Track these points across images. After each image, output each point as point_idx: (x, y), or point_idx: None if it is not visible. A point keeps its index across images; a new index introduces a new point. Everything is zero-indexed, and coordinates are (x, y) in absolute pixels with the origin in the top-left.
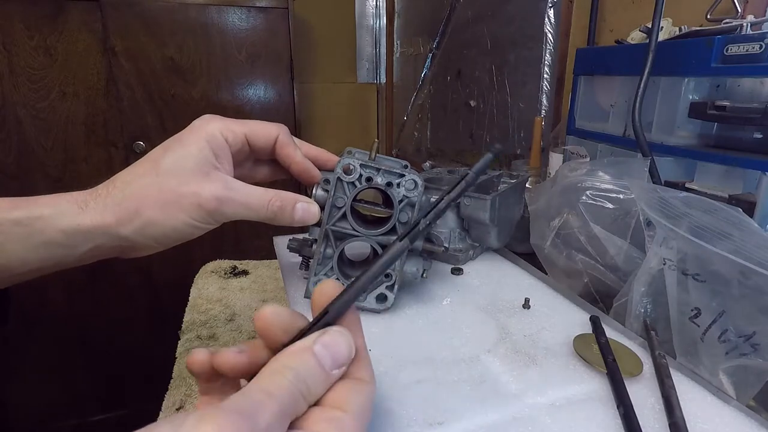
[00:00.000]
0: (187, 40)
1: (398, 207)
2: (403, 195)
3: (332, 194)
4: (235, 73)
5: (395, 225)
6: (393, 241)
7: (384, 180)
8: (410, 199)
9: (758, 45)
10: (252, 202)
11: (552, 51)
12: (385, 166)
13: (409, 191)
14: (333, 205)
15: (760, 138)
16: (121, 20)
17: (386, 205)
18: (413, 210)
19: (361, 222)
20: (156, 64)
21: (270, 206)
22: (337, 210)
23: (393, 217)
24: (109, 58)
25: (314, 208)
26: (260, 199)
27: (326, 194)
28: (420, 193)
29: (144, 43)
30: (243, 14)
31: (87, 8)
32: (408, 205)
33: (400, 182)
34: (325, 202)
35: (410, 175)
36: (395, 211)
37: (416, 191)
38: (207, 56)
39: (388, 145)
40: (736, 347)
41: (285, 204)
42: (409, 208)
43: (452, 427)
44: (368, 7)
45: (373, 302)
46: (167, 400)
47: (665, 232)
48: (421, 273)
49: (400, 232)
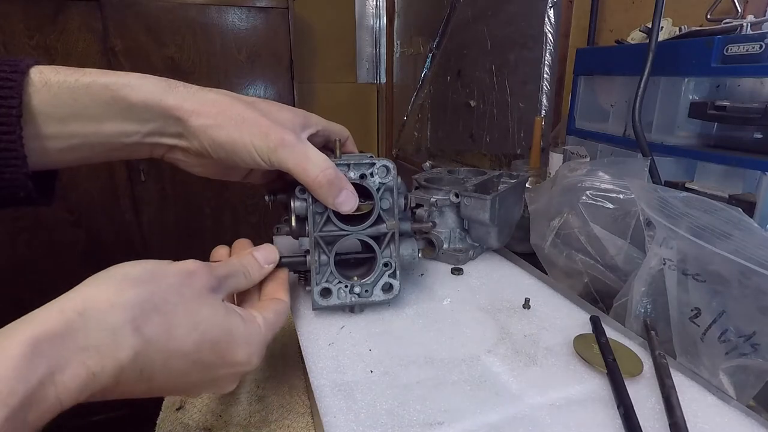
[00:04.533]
0: (187, 40)
1: (378, 196)
2: (379, 183)
3: (310, 201)
4: (235, 73)
5: (380, 214)
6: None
7: (357, 173)
8: (386, 184)
9: (758, 45)
10: (311, 159)
11: (552, 51)
12: (353, 160)
13: (383, 177)
14: (314, 212)
15: (760, 138)
16: (121, 20)
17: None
18: (392, 194)
19: (345, 221)
20: (156, 64)
21: (324, 174)
22: (320, 216)
23: (375, 207)
24: (109, 58)
25: (355, 200)
26: (319, 162)
27: (304, 203)
28: (394, 176)
29: (144, 43)
30: (243, 14)
31: (87, 8)
32: (386, 190)
33: (373, 171)
34: (306, 211)
35: (380, 161)
36: (375, 200)
37: (390, 175)
38: (207, 56)
39: (388, 145)
40: (736, 347)
41: (336, 181)
42: (387, 193)
43: (452, 427)
44: (368, 7)
45: (380, 294)
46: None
47: (665, 232)
48: (417, 253)
49: (385, 219)
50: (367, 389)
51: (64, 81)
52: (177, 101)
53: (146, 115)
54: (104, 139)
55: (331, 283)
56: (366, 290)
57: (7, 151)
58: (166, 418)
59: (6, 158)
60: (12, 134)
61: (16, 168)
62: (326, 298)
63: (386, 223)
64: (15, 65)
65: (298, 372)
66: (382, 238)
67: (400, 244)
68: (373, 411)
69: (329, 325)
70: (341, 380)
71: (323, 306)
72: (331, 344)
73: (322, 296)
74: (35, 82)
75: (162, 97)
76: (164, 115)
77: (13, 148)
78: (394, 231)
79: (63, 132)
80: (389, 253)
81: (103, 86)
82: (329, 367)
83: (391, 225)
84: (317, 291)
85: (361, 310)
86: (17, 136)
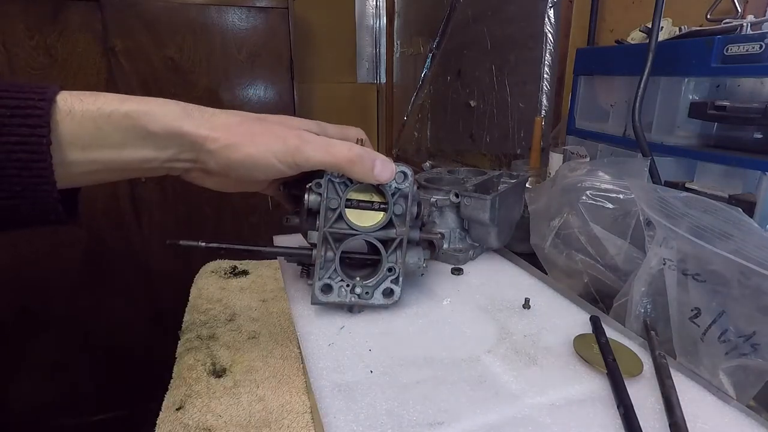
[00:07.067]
0: (187, 40)
1: (392, 200)
2: (395, 187)
3: (325, 197)
4: (235, 73)
5: (391, 218)
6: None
7: None
8: (402, 190)
9: (758, 45)
10: (335, 144)
11: (552, 51)
12: None
13: (400, 183)
14: (327, 207)
15: (760, 138)
16: (121, 20)
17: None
18: (407, 201)
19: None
20: (156, 64)
21: (352, 151)
22: (332, 212)
23: (388, 211)
24: (109, 58)
25: (392, 166)
26: (343, 143)
27: (319, 198)
28: (411, 183)
29: (144, 43)
30: (243, 14)
31: (87, 8)
32: (401, 196)
33: None
34: (319, 206)
35: (399, 167)
36: (389, 204)
37: (407, 182)
38: (207, 56)
39: (388, 145)
40: (736, 347)
41: (366, 154)
42: (402, 199)
43: (452, 427)
44: (368, 7)
45: (380, 298)
46: (167, 400)
47: (665, 232)
48: (422, 263)
49: (396, 225)
50: (367, 389)
51: (87, 110)
52: (192, 128)
53: (165, 142)
54: (125, 165)
55: (334, 280)
56: (367, 292)
57: (39, 177)
58: (166, 418)
59: (37, 184)
60: (43, 162)
61: (47, 193)
62: (326, 294)
63: (396, 228)
64: (43, 93)
65: (298, 372)
66: (390, 243)
67: (407, 251)
68: (372, 411)
69: (329, 326)
70: (341, 380)
71: (322, 302)
72: (331, 344)
73: (323, 292)
74: (61, 110)
75: (179, 124)
76: (181, 142)
77: (45, 175)
78: (403, 237)
79: (86, 158)
80: (395, 258)
81: (124, 115)
82: (329, 367)
83: (402, 231)
84: (318, 286)
85: (360, 310)
86: (48, 164)
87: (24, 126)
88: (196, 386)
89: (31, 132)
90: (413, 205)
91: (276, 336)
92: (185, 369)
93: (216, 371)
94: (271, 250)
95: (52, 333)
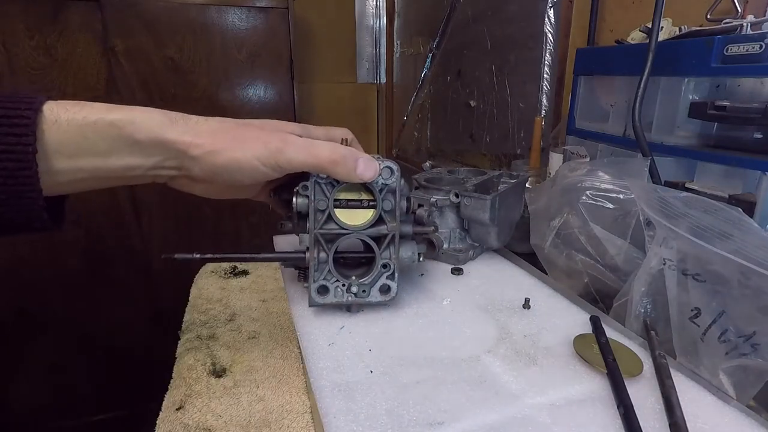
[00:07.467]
0: (187, 40)
1: (380, 197)
2: (382, 183)
3: (313, 198)
4: (235, 73)
5: (381, 215)
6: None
7: None
8: (389, 185)
9: (758, 45)
10: (317, 145)
11: (552, 51)
12: None
13: (387, 179)
14: (316, 209)
15: (760, 138)
16: (121, 20)
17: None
18: (395, 196)
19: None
20: (156, 64)
21: (335, 151)
22: (321, 213)
23: (377, 207)
24: (109, 58)
25: (375, 164)
26: (326, 144)
27: (306, 200)
28: (398, 178)
29: (144, 43)
30: (243, 14)
31: (87, 8)
32: (389, 192)
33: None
34: (308, 208)
35: (384, 162)
36: (378, 201)
37: (393, 177)
38: (207, 56)
39: (388, 145)
40: (736, 347)
41: (349, 154)
42: (390, 195)
43: (452, 427)
44: (368, 7)
45: (377, 295)
46: (167, 400)
47: (665, 232)
48: (417, 257)
49: (386, 221)
50: (367, 389)
51: (72, 119)
52: (176, 135)
53: (150, 150)
54: (110, 173)
55: (329, 281)
56: (363, 290)
57: (24, 185)
58: (166, 418)
59: (22, 192)
60: (29, 170)
61: (32, 201)
62: (323, 296)
63: (387, 224)
64: (29, 103)
65: (298, 372)
66: (383, 240)
67: (400, 246)
68: (372, 411)
69: (329, 326)
70: (341, 380)
71: (320, 303)
72: (331, 344)
73: (319, 293)
74: (47, 119)
75: (163, 131)
76: (166, 149)
77: (30, 183)
78: (394, 233)
79: (71, 167)
80: (389, 254)
81: (109, 124)
82: (329, 367)
83: (392, 227)
84: (314, 288)
85: (359, 309)
86: (33, 172)
87: (10, 135)
88: (196, 386)
89: (17, 141)
90: (402, 199)
91: (276, 336)
92: (185, 369)
93: (216, 371)
94: (265, 256)
95: (50, 334)
